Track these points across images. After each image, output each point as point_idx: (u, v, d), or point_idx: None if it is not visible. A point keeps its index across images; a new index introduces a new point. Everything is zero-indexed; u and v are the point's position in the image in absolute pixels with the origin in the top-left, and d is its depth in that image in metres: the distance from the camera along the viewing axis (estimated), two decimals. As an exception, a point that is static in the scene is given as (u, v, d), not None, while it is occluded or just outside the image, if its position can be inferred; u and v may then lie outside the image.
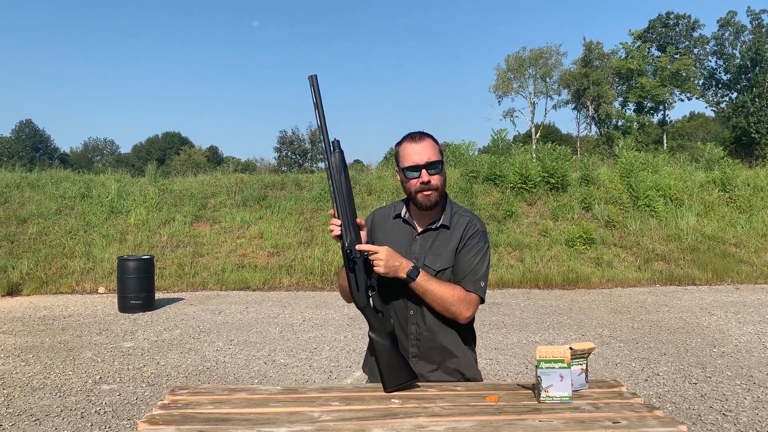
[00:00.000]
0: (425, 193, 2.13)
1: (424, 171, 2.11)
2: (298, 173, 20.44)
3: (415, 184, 2.13)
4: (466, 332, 2.27)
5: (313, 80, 2.02)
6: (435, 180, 2.12)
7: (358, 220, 2.08)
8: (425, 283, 2.08)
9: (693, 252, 13.04)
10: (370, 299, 2.12)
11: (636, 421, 1.71)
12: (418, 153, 2.12)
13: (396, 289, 2.20)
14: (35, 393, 5.37)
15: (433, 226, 2.21)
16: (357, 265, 2.06)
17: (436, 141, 2.18)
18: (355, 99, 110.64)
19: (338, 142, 2.06)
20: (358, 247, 2.05)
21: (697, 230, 13.97)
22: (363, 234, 2.09)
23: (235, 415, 1.79)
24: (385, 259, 2.03)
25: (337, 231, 2.06)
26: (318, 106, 2.02)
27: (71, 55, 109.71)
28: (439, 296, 2.10)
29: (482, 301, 2.18)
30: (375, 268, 2.04)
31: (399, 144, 2.19)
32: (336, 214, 2.06)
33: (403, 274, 2.06)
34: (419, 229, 2.23)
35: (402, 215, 2.26)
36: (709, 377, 5.78)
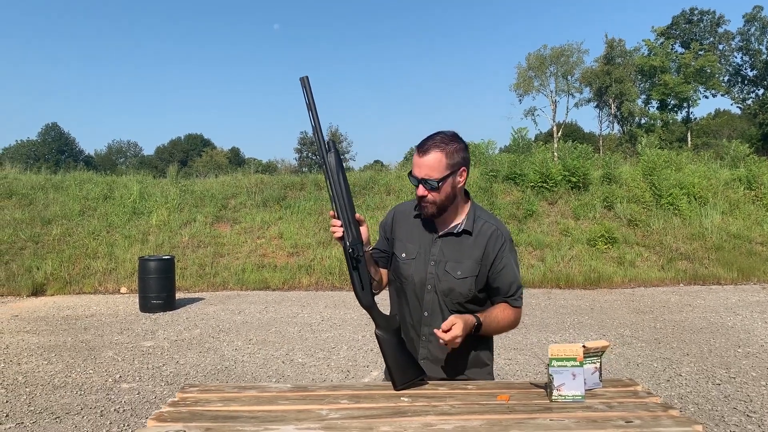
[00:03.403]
0: (422, 204, 2.14)
1: (420, 186, 2.10)
2: (318, 173, 20.47)
3: (416, 193, 2.14)
4: (479, 338, 2.23)
5: (305, 82, 2.00)
6: (431, 196, 2.10)
7: (357, 216, 2.06)
8: (487, 327, 2.13)
9: (718, 251, 12.81)
10: (375, 297, 2.11)
11: (650, 421, 1.67)
12: (417, 166, 2.10)
13: (411, 290, 2.19)
14: (57, 391, 5.44)
15: (455, 231, 2.18)
16: (360, 263, 2.05)
17: (446, 153, 2.08)
18: (374, 98, 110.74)
19: (333, 142, 2.04)
20: (438, 333, 2.03)
21: (722, 229, 13.73)
22: (363, 230, 2.07)
23: (243, 413, 1.79)
24: (463, 334, 2.02)
25: (339, 232, 2.04)
26: (311, 108, 2.01)
27: (96, 59, 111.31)
28: (499, 329, 2.19)
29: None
30: (459, 340, 2.03)
31: (414, 148, 2.19)
32: (336, 215, 2.05)
33: (472, 327, 2.09)
34: (440, 231, 2.20)
35: (423, 215, 2.23)
36: (733, 378, 5.66)
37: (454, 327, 1.99)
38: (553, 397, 1.84)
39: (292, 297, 10.72)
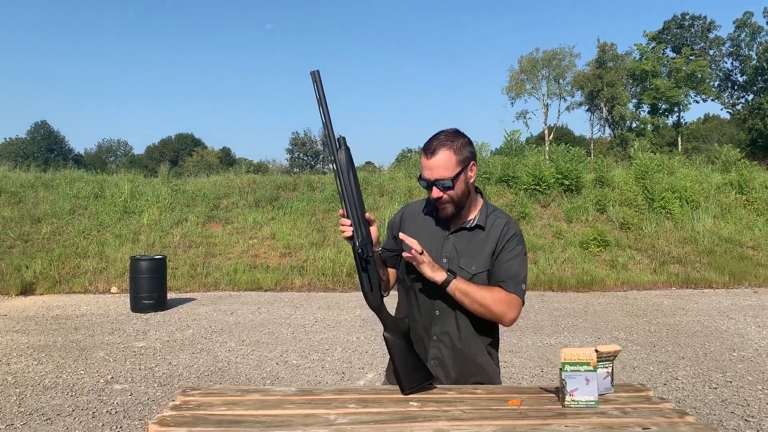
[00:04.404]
0: (440, 206, 2.09)
1: (433, 188, 2.05)
2: (310, 174, 20.42)
3: (430, 195, 2.10)
4: (491, 338, 2.20)
5: (316, 76, 1.94)
6: (447, 195, 2.05)
7: (366, 215, 2.00)
8: (464, 285, 2.01)
9: (709, 255, 12.85)
10: (384, 299, 2.05)
11: (667, 428, 1.64)
12: (428, 168, 2.05)
13: (423, 289, 2.14)
14: (47, 392, 5.35)
15: (467, 226, 2.14)
16: (369, 264, 2.00)
17: (454, 150, 2.04)
18: (366, 100, 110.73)
19: (344, 139, 1.97)
20: (401, 236, 1.99)
21: (713, 233, 13.78)
22: (373, 230, 2.02)
23: (248, 417, 1.73)
24: (428, 261, 1.97)
25: (349, 232, 1.98)
26: (322, 102, 1.94)
27: (86, 57, 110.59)
28: (479, 298, 2.02)
29: (522, 303, 2.11)
30: (422, 268, 1.97)
31: (420, 150, 2.13)
32: (345, 214, 1.99)
33: (444, 275, 2.00)
34: (451, 228, 2.15)
35: (433, 213, 2.19)
36: (730, 382, 5.66)
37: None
38: (566, 403, 1.80)
39: (284, 298, 10.64)
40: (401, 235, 2.00)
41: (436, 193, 2.05)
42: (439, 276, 2.00)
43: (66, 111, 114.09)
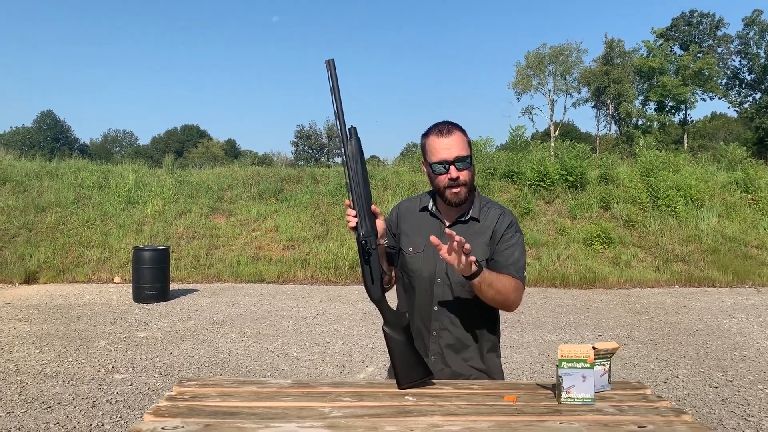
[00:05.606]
0: (454, 190, 2.04)
1: (452, 167, 2.02)
2: (315, 167, 20.41)
3: (443, 180, 2.04)
4: (492, 331, 2.19)
5: (331, 65, 1.91)
6: (464, 175, 2.03)
7: (373, 207, 1.97)
8: (489, 275, 1.92)
9: (713, 253, 12.81)
10: (386, 292, 2.04)
11: (663, 426, 1.62)
12: (446, 147, 2.02)
13: (421, 285, 2.13)
14: (48, 381, 5.37)
15: (462, 219, 2.12)
16: (372, 256, 1.98)
17: (464, 133, 2.08)
18: (371, 94, 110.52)
19: (355, 129, 1.95)
20: (447, 232, 1.79)
21: (717, 231, 13.73)
22: (379, 223, 2.00)
23: (243, 409, 1.73)
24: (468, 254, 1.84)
25: (353, 222, 1.96)
26: (335, 92, 1.92)
27: (93, 47, 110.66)
28: (501, 287, 1.96)
29: (524, 288, 2.11)
30: (462, 258, 1.82)
31: (426, 136, 2.09)
32: (352, 204, 1.97)
33: (475, 266, 1.88)
34: (447, 223, 2.14)
35: (429, 208, 2.17)
36: (731, 381, 5.64)
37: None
38: (562, 399, 1.79)
39: (286, 290, 10.66)
40: (447, 231, 1.82)
41: (454, 172, 2.02)
42: (473, 264, 1.86)
43: (72, 101, 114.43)
